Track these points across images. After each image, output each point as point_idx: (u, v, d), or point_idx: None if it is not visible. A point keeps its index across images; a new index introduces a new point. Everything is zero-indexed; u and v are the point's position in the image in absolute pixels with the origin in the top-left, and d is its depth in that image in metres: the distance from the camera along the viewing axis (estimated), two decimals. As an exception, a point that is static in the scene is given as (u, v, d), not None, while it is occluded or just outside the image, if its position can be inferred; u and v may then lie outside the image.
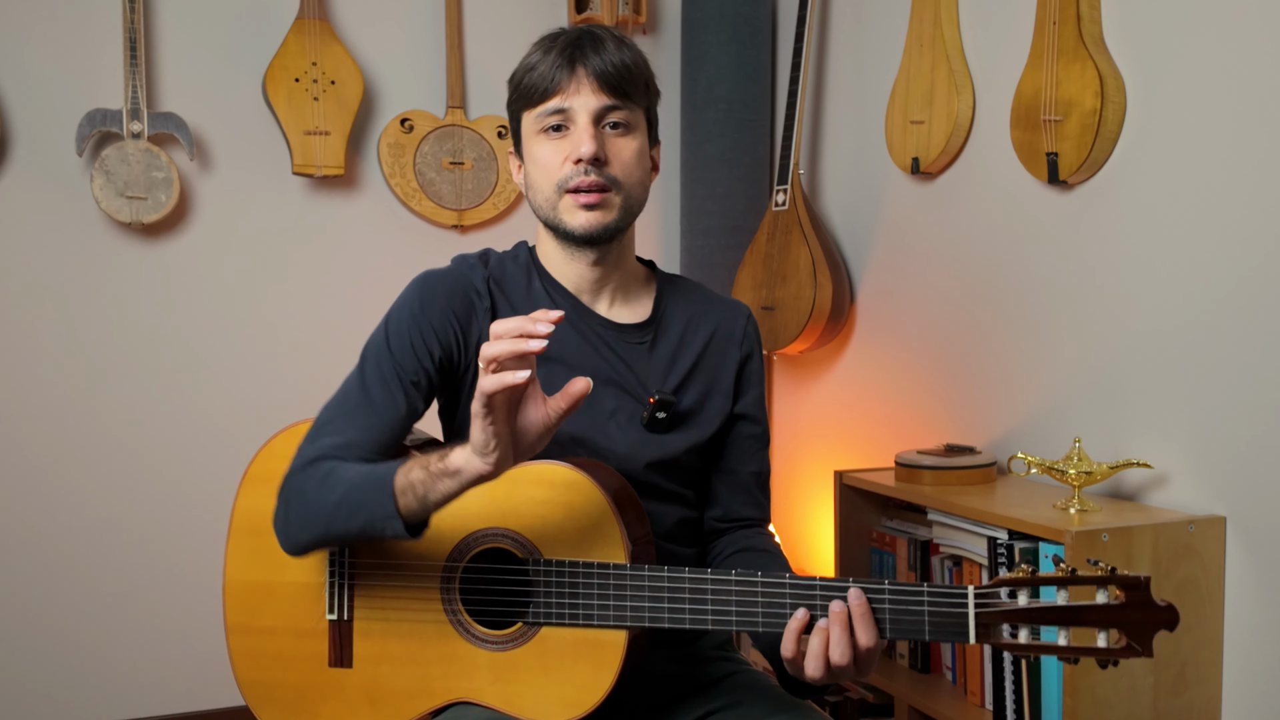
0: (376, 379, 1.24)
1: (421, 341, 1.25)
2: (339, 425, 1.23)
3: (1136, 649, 1.00)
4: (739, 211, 2.78)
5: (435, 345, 1.25)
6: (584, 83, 1.22)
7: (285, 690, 1.27)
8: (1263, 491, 1.63)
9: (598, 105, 1.22)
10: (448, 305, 1.26)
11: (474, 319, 1.27)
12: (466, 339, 1.27)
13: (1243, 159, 1.66)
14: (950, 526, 1.95)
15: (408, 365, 1.24)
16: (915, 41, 2.31)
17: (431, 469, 1.07)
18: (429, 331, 1.25)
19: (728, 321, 1.37)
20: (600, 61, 1.22)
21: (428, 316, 1.26)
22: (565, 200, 1.24)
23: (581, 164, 1.22)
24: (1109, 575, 1.01)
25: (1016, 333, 2.11)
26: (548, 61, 1.22)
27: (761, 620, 1.10)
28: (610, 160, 1.23)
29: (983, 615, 1.04)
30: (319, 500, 1.16)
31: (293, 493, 1.19)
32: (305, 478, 1.19)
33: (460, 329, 1.27)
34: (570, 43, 1.23)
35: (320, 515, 1.16)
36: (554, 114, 1.23)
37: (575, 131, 1.23)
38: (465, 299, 1.28)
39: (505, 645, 1.19)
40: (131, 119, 2.45)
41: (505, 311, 1.29)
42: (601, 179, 1.22)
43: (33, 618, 2.52)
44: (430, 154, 2.73)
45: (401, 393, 1.24)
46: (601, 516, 1.17)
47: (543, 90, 1.23)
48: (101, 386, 2.57)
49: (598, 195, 1.23)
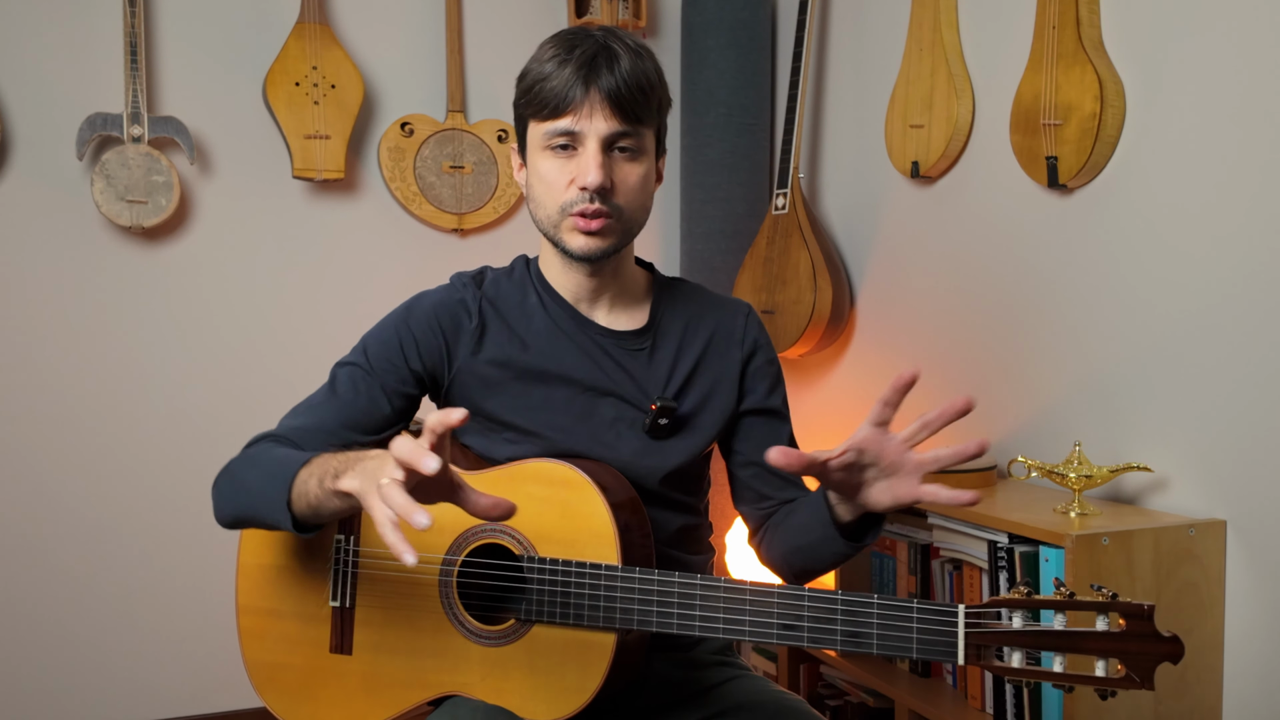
0: (345, 376, 1.28)
1: (400, 350, 1.27)
2: (299, 410, 1.28)
3: (1136, 680, 0.95)
4: (739, 215, 2.78)
5: (415, 355, 1.27)
6: (597, 107, 1.19)
7: (288, 673, 1.29)
8: (1263, 495, 1.63)
9: (608, 131, 1.20)
10: (434, 319, 1.28)
11: (461, 337, 1.28)
12: (451, 355, 1.28)
13: (1242, 163, 1.66)
14: (950, 530, 1.95)
15: (381, 368, 1.27)
16: (915, 45, 2.31)
17: (325, 485, 1.05)
18: (410, 342, 1.27)
19: (727, 321, 1.36)
20: (614, 82, 1.19)
21: (411, 329, 1.28)
22: (568, 222, 1.23)
23: (587, 191, 1.20)
24: (1110, 601, 0.97)
25: (1016, 336, 2.11)
26: (561, 77, 1.19)
27: (749, 627, 1.09)
28: (615, 187, 1.22)
29: (973, 636, 1.01)
30: (240, 479, 1.20)
31: (227, 467, 1.24)
32: (242, 454, 1.23)
33: (445, 344, 1.28)
34: (587, 60, 1.19)
35: (235, 495, 1.20)
36: (563, 135, 1.21)
37: (583, 156, 1.21)
38: (453, 317, 1.29)
39: (497, 641, 1.20)
40: (132, 123, 2.45)
41: (497, 328, 1.29)
42: (605, 208, 1.21)
43: (33, 621, 2.51)
44: (430, 158, 2.73)
45: (368, 388, 1.26)
46: (596, 517, 1.17)
47: (553, 107, 1.20)
48: (102, 390, 2.57)
49: (600, 222, 1.22)
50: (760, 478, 1.36)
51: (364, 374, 1.27)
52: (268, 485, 1.13)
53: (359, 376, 1.27)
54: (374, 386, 1.26)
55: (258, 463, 1.19)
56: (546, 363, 1.27)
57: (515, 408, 1.27)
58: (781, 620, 1.08)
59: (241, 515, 1.20)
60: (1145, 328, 1.82)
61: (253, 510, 1.17)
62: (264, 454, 1.19)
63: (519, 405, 1.27)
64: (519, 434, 1.27)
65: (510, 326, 1.29)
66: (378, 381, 1.26)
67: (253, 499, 1.16)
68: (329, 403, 1.27)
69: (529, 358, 1.28)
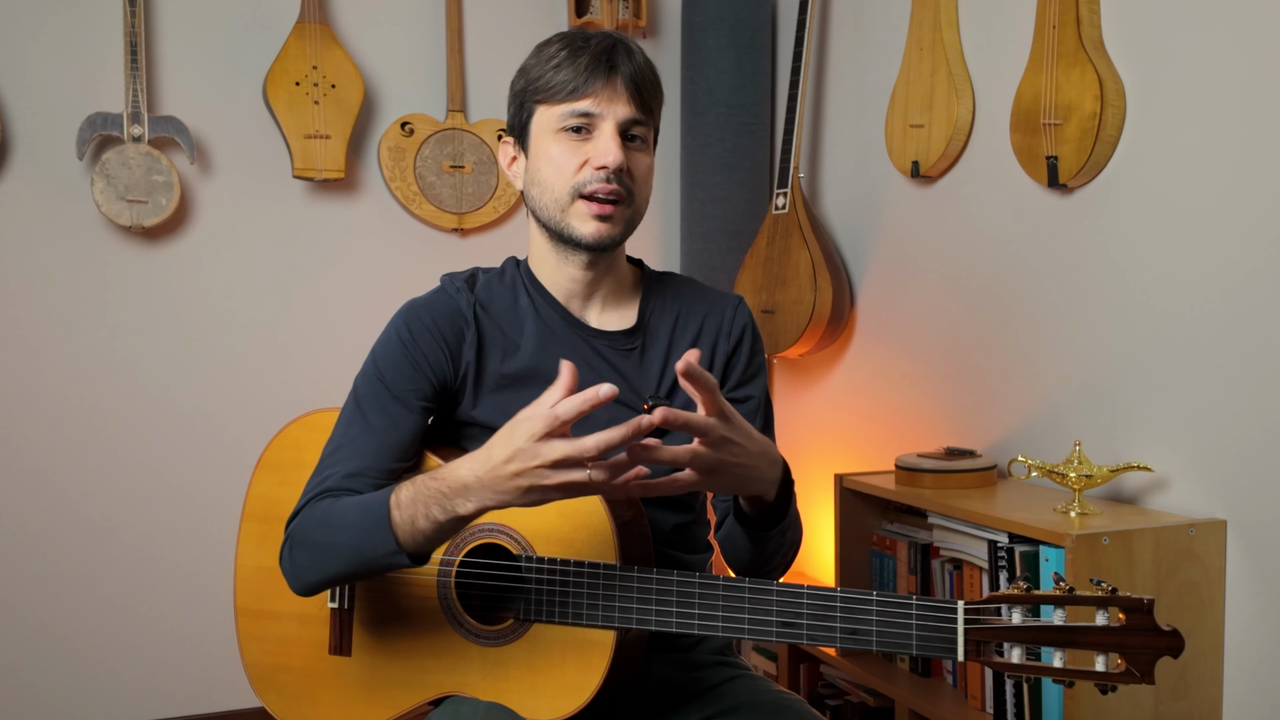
0: (374, 405, 1.24)
1: (413, 367, 1.25)
2: (341, 456, 1.23)
3: (1136, 675, 0.96)
4: (739, 215, 2.78)
5: (428, 370, 1.26)
6: (619, 91, 1.21)
7: (288, 675, 1.29)
8: (1263, 495, 1.62)
9: (626, 116, 1.21)
10: (437, 330, 1.26)
11: (462, 345, 1.27)
12: (456, 365, 1.27)
13: (1242, 163, 1.65)
14: (950, 530, 1.95)
15: (403, 388, 1.24)
16: (915, 45, 2.31)
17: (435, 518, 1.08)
18: (421, 358, 1.25)
19: (715, 315, 1.35)
20: (634, 70, 1.22)
21: (420, 345, 1.26)
22: (578, 205, 1.22)
23: (604, 171, 1.20)
24: (1110, 596, 0.97)
25: (1016, 336, 2.11)
26: (579, 62, 1.20)
27: (748, 625, 1.09)
28: (629, 172, 1.23)
29: (973, 632, 1.01)
30: (323, 541, 1.16)
31: (297, 537, 1.19)
32: (306, 519, 1.19)
33: (450, 355, 1.27)
34: (606, 48, 1.21)
35: (327, 557, 1.16)
36: (580, 116, 1.21)
37: (600, 139, 1.21)
38: (453, 325, 1.27)
39: (497, 641, 1.20)
40: (132, 123, 2.45)
41: (491, 335, 1.28)
42: (622, 188, 1.22)
43: (34, 621, 2.52)
44: (430, 158, 2.73)
45: (401, 412, 1.24)
46: (594, 516, 1.17)
47: (571, 89, 1.20)
48: (102, 390, 2.57)
49: (613, 206, 1.22)
50: None
51: (392, 399, 1.24)
52: (362, 539, 1.12)
53: (388, 404, 1.24)
54: (405, 413, 1.24)
55: (334, 522, 1.15)
56: (539, 366, 1.27)
57: (510, 413, 1.27)
58: (780, 618, 1.08)
59: (340, 574, 1.17)
60: (1145, 327, 1.82)
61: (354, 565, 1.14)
62: (337, 510, 1.16)
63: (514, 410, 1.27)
64: None
65: (503, 331, 1.29)
66: (405, 406, 1.24)
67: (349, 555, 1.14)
68: (370, 438, 1.23)
69: (522, 362, 1.27)
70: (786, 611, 1.08)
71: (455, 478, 1.05)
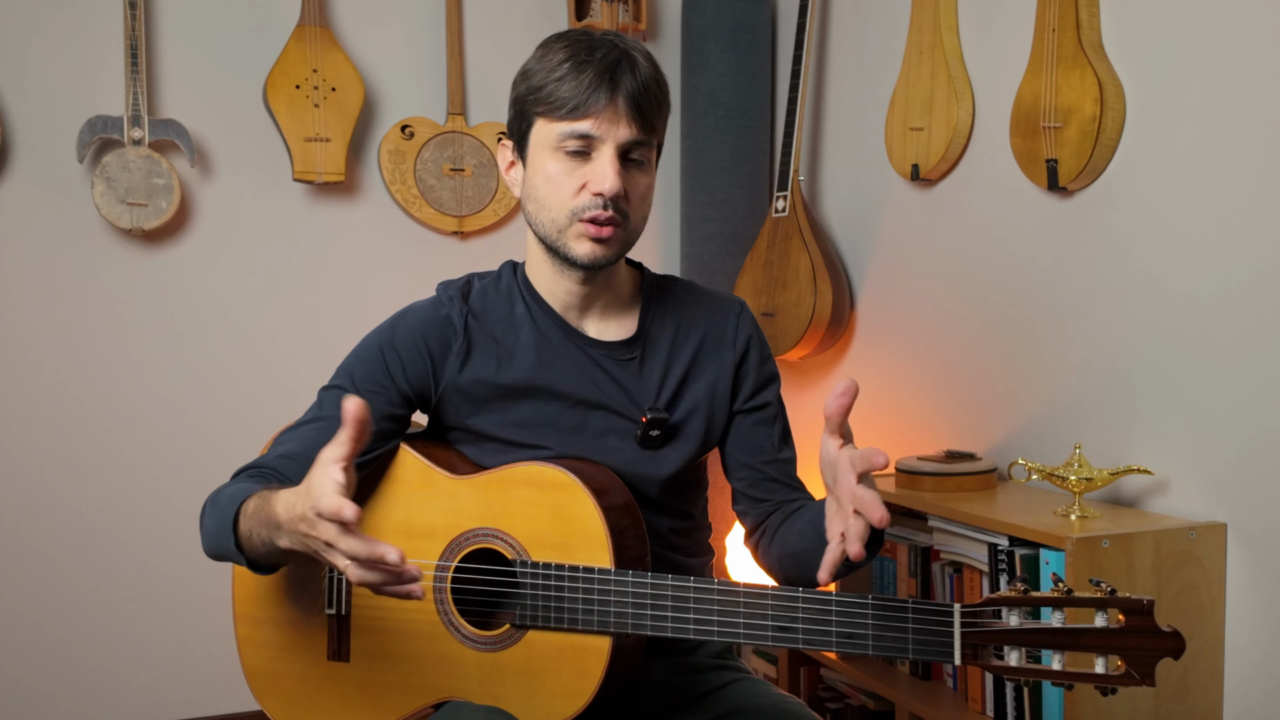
0: (333, 396, 1.26)
1: (386, 371, 1.26)
2: (287, 436, 1.27)
3: (1136, 677, 0.94)
4: (739, 218, 2.78)
5: (402, 376, 1.26)
6: (620, 113, 1.17)
7: (287, 680, 1.29)
8: (1263, 498, 1.62)
9: (626, 138, 1.18)
10: (420, 338, 1.27)
11: (447, 356, 1.27)
12: (437, 375, 1.27)
13: (1242, 165, 1.65)
14: (951, 533, 1.94)
15: (368, 388, 1.25)
16: (915, 48, 2.31)
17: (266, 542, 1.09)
18: (396, 363, 1.26)
19: (718, 323, 1.33)
20: (636, 88, 1.17)
21: (397, 350, 1.26)
22: (575, 228, 1.20)
23: (601, 197, 1.18)
24: (1109, 597, 0.96)
25: (1016, 339, 2.11)
26: (582, 79, 1.16)
27: (743, 629, 1.09)
28: (626, 196, 1.20)
29: (970, 635, 1.00)
30: (209, 517, 1.21)
31: (207, 503, 1.23)
32: (219, 490, 1.23)
33: (432, 363, 1.27)
34: (611, 64, 1.17)
35: (206, 534, 1.22)
36: (580, 139, 1.17)
37: (599, 162, 1.18)
38: (440, 335, 1.27)
39: (493, 646, 1.19)
40: (132, 125, 2.45)
41: (484, 344, 1.27)
42: (617, 215, 1.20)
43: (33, 624, 2.51)
44: (431, 160, 2.73)
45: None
46: (588, 519, 1.16)
47: (572, 107, 1.16)
48: (102, 393, 2.57)
49: (610, 230, 1.20)
50: (752, 479, 1.34)
51: (351, 382, 1.26)
52: (222, 532, 1.16)
53: (347, 389, 1.25)
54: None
55: (219, 503, 1.20)
56: (535, 377, 1.26)
57: (504, 423, 1.26)
58: (776, 622, 1.07)
59: (220, 555, 1.21)
60: (1145, 330, 1.82)
61: (224, 553, 1.19)
62: (224, 495, 1.20)
63: (508, 421, 1.26)
64: (511, 447, 1.26)
65: (498, 341, 1.27)
66: (365, 391, 1.24)
67: (216, 540, 1.19)
68: (315, 425, 1.25)
69: (517, 373, 1.26)
70: (782, 615, 1.07)
71: (273, 511, 1.07)
